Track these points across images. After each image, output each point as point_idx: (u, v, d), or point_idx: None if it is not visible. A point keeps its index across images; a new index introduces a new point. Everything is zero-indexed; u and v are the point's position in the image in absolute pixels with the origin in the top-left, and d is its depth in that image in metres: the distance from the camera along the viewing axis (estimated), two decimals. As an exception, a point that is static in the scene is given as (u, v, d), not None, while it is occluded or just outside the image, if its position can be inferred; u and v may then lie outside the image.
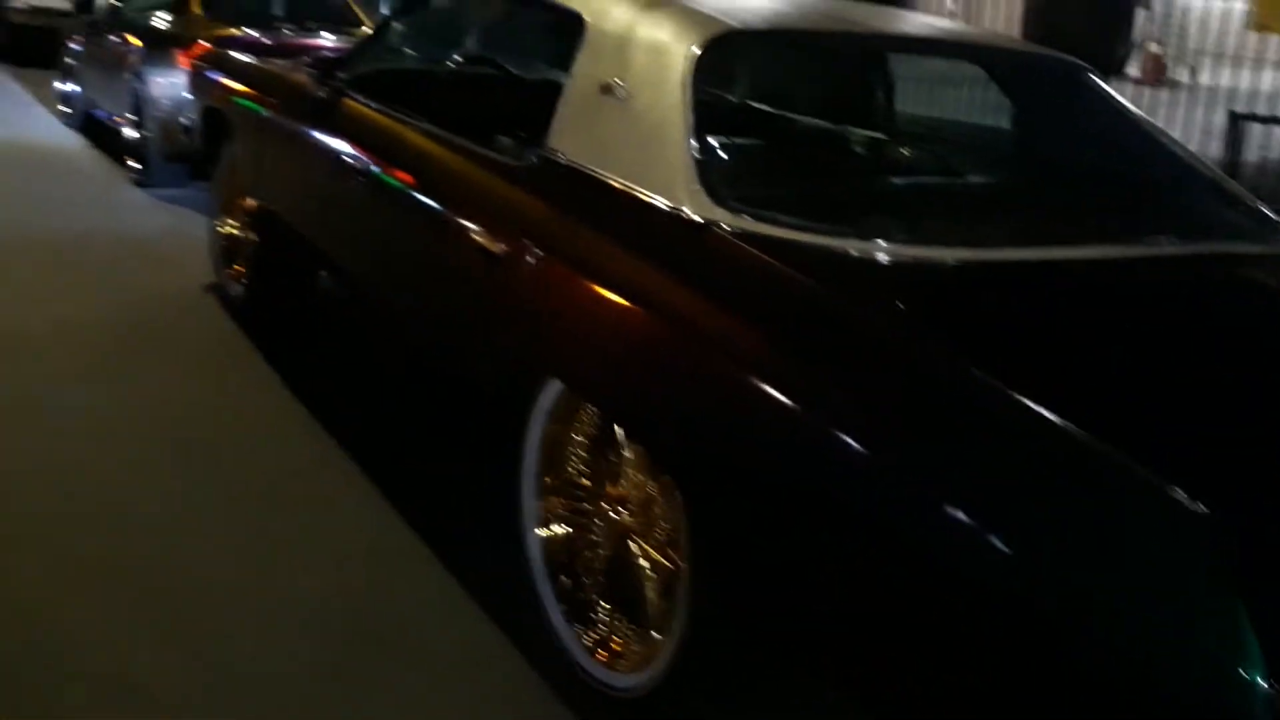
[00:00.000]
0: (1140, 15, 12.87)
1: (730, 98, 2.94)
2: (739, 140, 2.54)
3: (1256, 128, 6.26)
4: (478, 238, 2.53)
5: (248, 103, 4.08)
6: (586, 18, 2.61)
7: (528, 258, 2.37)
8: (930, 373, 1.69)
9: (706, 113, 2.27)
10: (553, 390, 2.39)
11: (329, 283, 3.85)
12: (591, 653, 2.29)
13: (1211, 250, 2.38)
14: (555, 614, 2.38)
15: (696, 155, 2.17)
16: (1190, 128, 7.15)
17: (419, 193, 2.89)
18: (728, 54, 2.56)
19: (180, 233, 5.66)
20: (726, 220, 2.06)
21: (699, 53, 2.33)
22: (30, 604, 2.50)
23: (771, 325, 1.86)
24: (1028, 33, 5.96)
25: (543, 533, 2.45)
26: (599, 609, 2.34)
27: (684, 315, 1.98)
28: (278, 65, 4.07)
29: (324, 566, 2.77)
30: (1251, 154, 6.26)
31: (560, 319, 2.29)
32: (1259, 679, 1.20)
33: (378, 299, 3.32)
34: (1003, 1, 7.69)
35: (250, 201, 4.22)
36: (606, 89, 2.43)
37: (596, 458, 2.37)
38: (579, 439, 2.41)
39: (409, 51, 3.65)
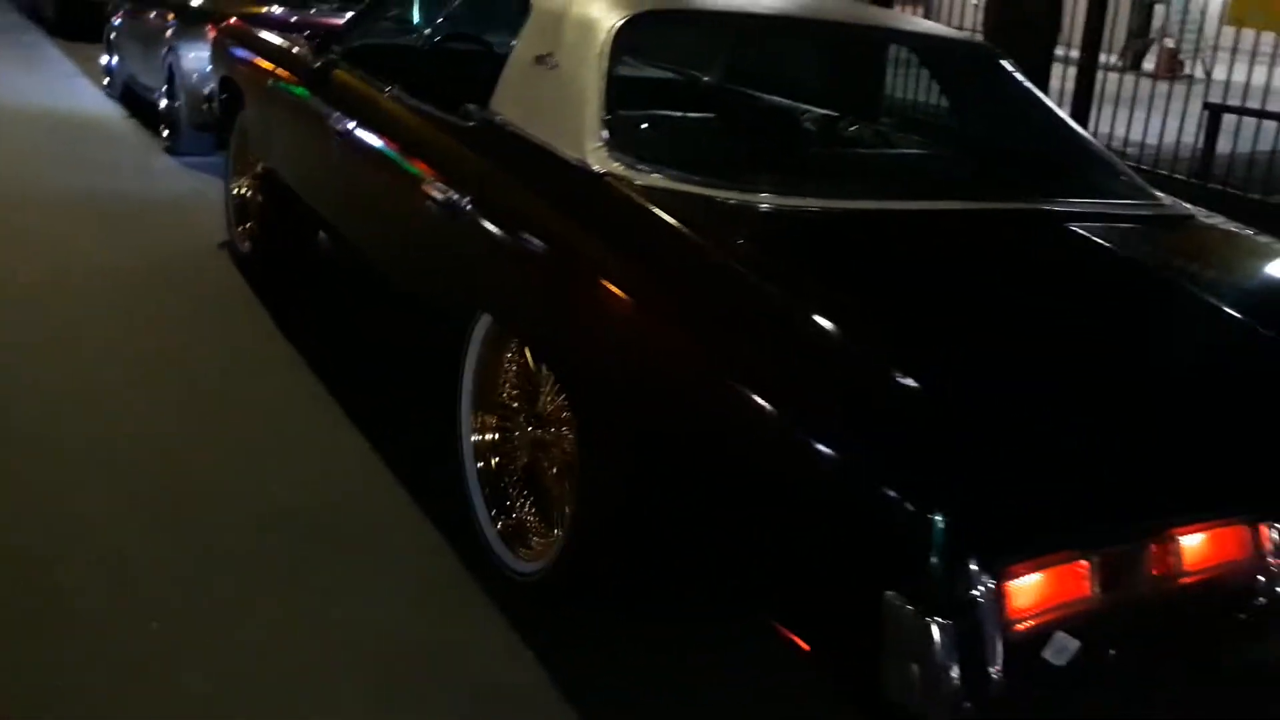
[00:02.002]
0: (1158, 12, 13.06)
1: (646, 68, 3.29)
2: (646, 105, 2.89)
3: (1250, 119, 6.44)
4: (428, 188, 2.90)
5: (256, 73, 4.49)
6: (533, -4, 2.98)
7: (464, 205, 2.74)
8: (767, 301, 2.02)
9: (619, 80, 2.63)
10: (485, 322, 2.76)
11: (318, 235, 4.25)
12: (505, 541, 2.68)
13: (1062, 207, 2.70)
14: (480, 507, 2.76)
15: (603, 116, 2.53)
16: (1188, 119, 7.37)
17: (388, 151, 3.27)
18: (646, 30, 2.91)
19: (202, 195, 6.11)
20: (620, 172, 2.42)
21: (618, 28, 2.69)
22: (45, 499, 2.92)
23: (642, 262, 2.22)
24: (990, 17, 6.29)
25: (475, 439, 2.83)
26: (515, 505, 2.72)
27: (576, 253, 2.35)
28: (284, 39, 4.47)
29: (296, 475, 3.18)
30: (1229, 143, 6.49)
31: (486, 259, 2.67)
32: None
33: (357, 249, 3.71)
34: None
35: (257, 164, 4.64)
36: (540, 59, 2.80)
37: (521, 379, 2.75)
38: (508, 363, 2.79)
39: (393, 26, 4.03)
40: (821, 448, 1.74)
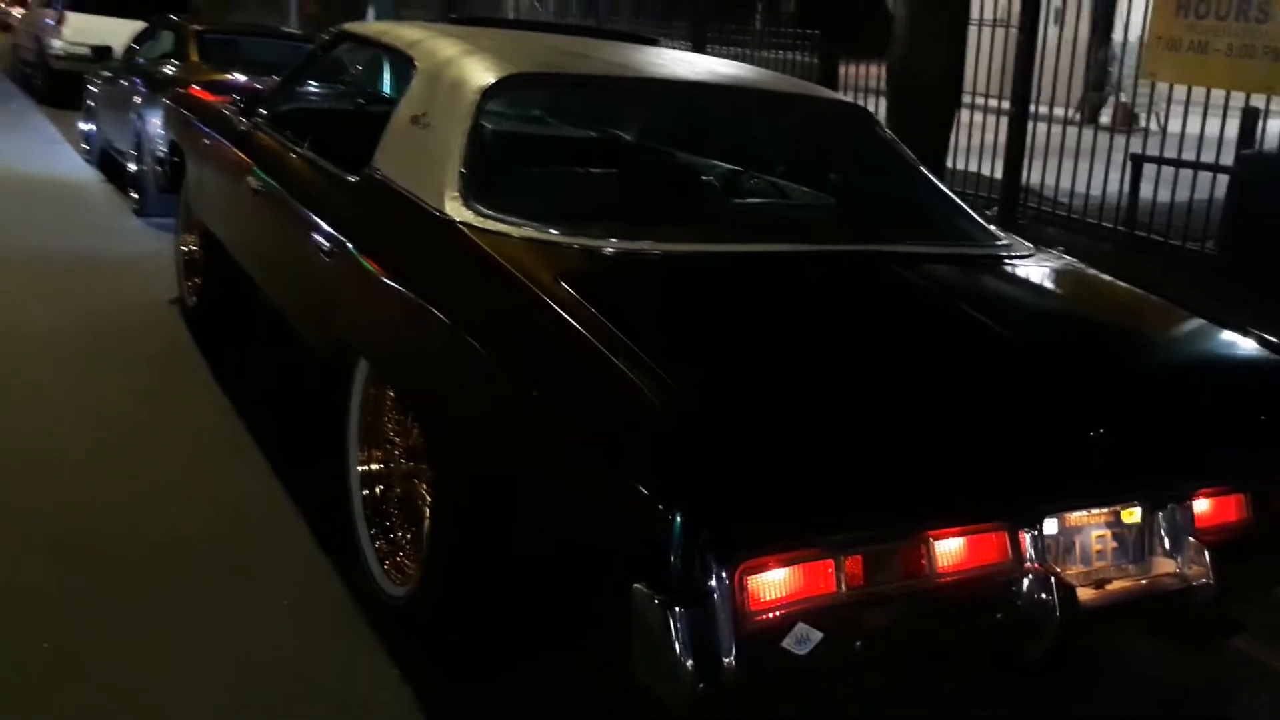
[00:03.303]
0: (1113, 68, 13.38)
1: (510, 125, 3.52)
2: (506, 159, 3.11)
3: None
4: (318, 241, 3.12)
5: (195, 136, 4.75)
6: (416, 61, 3.23)
7: (343, 257, 2.96)
8: (576, 336, 2.17)
9: (482, 137, 2.85)
10: (364, 367, 2.96)
11: (247, 287, 4.47)
12: (382, 566, 2.85)
13: (901, 248, 2.91)
14: (363, 534, 2.94)
15: (461, 169, 2.74)
16: (1126, 170, 7.59)
17: (293, 206, 3.49)
18: (515, 91, 3.14)
19: (161, 255, 6.33)
20: (472, 220, 2.63)
21: (485, 89, 2.92)
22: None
23: (477, 303, 2.42)
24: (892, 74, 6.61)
25: (361, 469, 3.01)
26: (394, 533, 2.90)
27: (426, 299, 2.55)
28: (219, 103, 4.73)
29: (201, 513, 3.36)
30: (1150, 191, 6.70)
31: (360, 308, 2.87)
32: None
33: (274, 299, 3.92)
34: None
35: (199, 220, 4.87)
36: (415, 119, 3.03)
37: (397, 416, 2.94)
38: (387, 403, 2.98)
39: (309, 90, 4.28)
40: (601, 460, 1.93)
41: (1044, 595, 2.02)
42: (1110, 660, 2.57)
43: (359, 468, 3.04)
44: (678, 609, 1.70)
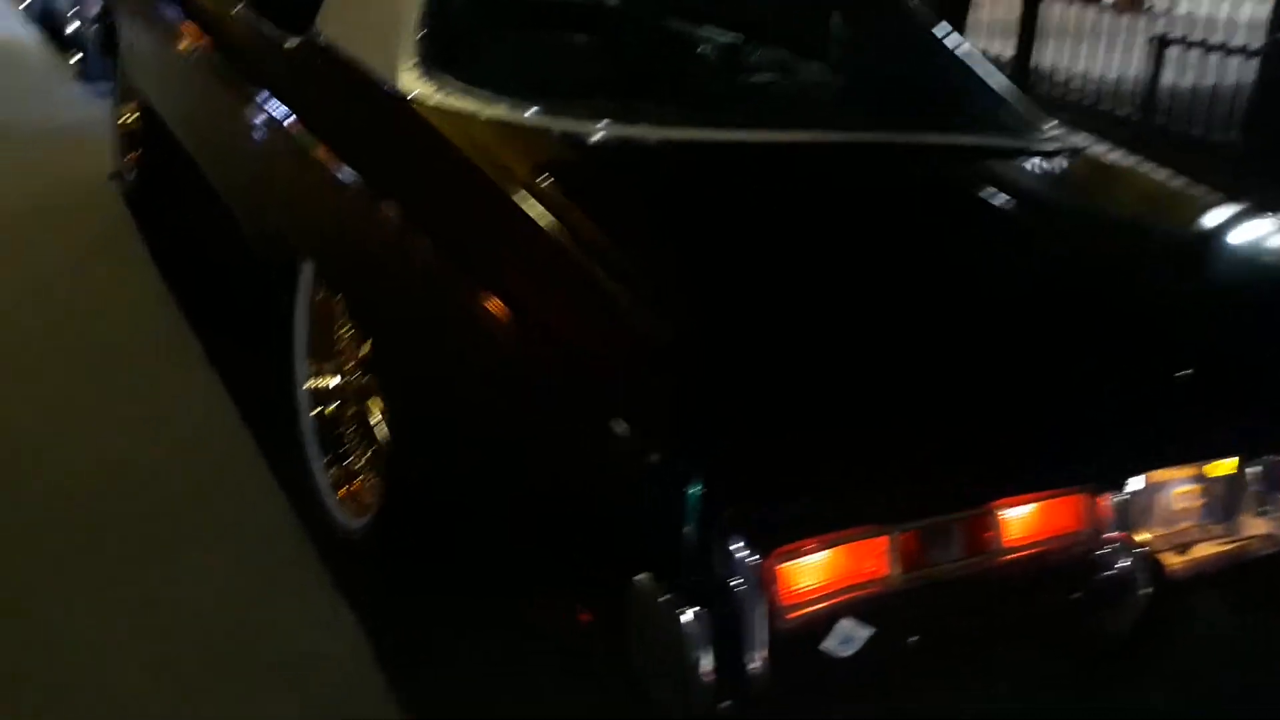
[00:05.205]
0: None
1: None
2: (475, 21, 2.62)
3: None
4: (254, 117, 2.65)
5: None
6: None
7: (280, 138, 2.50)
8: (550, 248, 1.78)
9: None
10: (309, 268, 2.53)
11: (189, 164, 3.98)
12: (336, 494, 2.47)
13: (932, 140, 2.48)
14: (315, 457, 2.55)
15: (417, 36, 2.27)
16: (1137, 52, 7.10)
17: (227, 74, 3.01)
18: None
19: (101, 124, 5.79)
20: (429, 95, 2.18)
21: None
22: None
23: (435, 199, 1.99)
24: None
25: (311, 385, 2.61)
26: (349, 457, 2.51)
27: (377, 189, 2.11)
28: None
29: (139, 422, 2.97)
30: (1171, 76, 6.25)
31: (300, 199, 2.42)
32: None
33: (210, 177, 3.44)
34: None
35: (136, 88, 4.35)
36: (368, -28, 2.53)
37: (349, 325, 2.52)
38: (338, 310, 2.56)
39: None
40: (593, 405, 1.53)
41: (1128, 565, 1.67)
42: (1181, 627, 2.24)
43: (308, 384, 2.64)
44: (693, 608, 1.32)
